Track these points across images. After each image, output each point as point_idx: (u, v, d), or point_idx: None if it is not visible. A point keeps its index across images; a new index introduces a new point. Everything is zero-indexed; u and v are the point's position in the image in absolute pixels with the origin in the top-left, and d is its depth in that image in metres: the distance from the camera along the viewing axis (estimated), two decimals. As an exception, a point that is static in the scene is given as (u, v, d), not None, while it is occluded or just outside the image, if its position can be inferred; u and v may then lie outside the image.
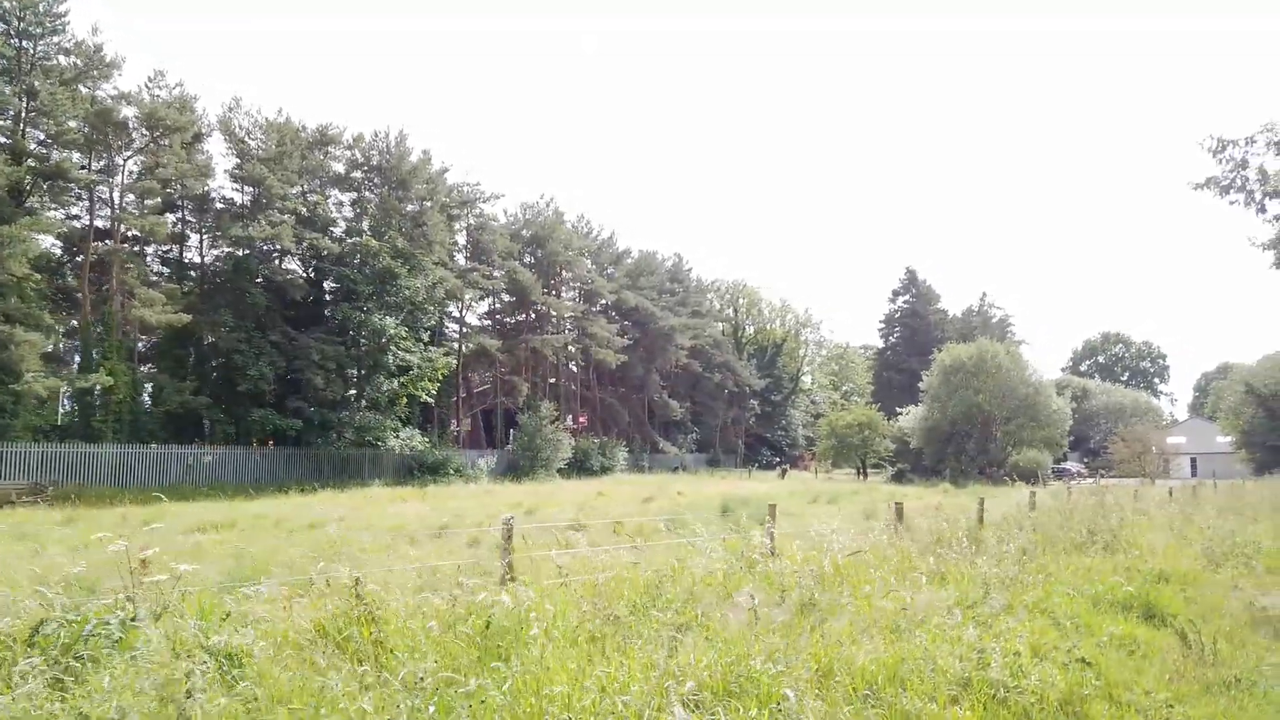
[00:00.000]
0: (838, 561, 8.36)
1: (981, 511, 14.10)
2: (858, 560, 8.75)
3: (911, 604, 6.46)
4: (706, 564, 7.62)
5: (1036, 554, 10.63)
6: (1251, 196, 14.51)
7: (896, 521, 11.54)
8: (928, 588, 7.41)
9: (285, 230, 38.31)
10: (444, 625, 5.01)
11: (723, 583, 7.04)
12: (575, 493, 34.77)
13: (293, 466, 39.31)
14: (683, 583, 6.92)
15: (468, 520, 22.07)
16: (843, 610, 6.20)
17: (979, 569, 8.38)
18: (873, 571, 7.80)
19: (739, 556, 8.37)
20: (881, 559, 8.81)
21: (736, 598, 6.52)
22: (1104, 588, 8.70)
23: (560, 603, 5.83)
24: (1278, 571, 11.87)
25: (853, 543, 10.08)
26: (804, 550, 9.28)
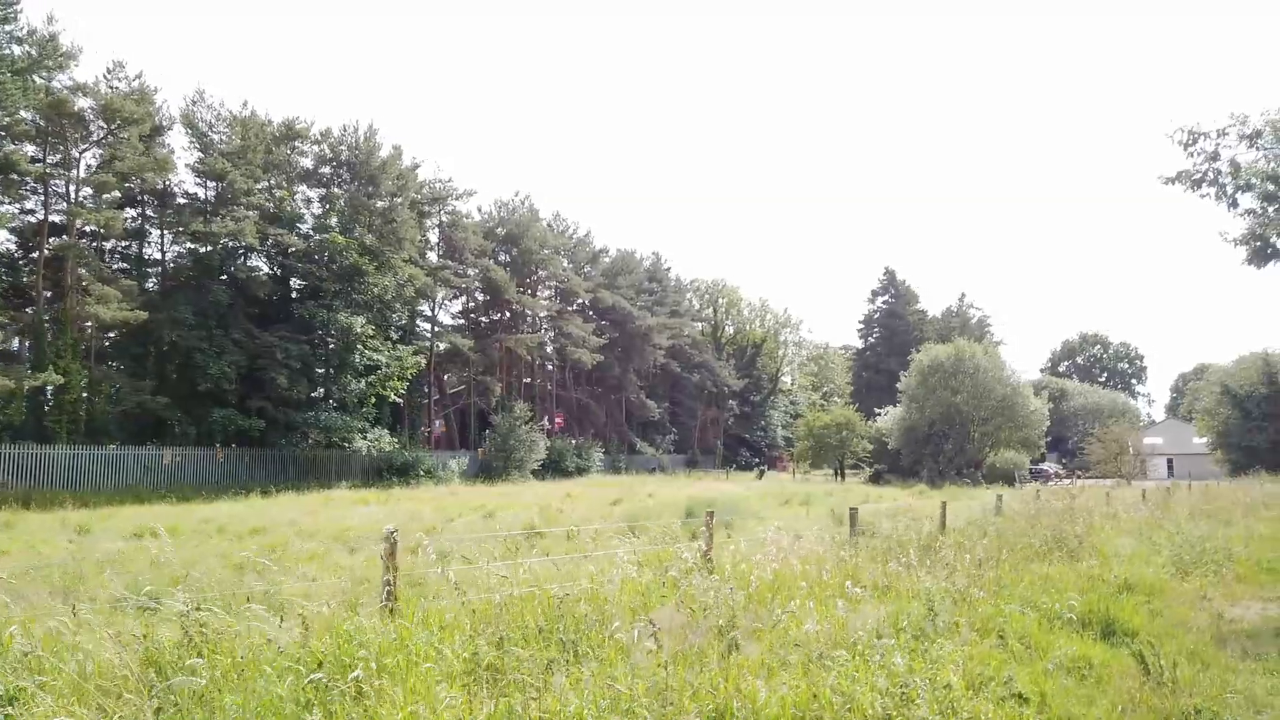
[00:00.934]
0: (776, 573, 7.75)
1: (943, 516, 13.53)
2: (802, 572, 8.13)
3: (843, 625, 5.85)
4: (639, 578, 6.96)
5: (994, 563, 10.06)
6: (1223, 191, 14.06)
7: (851, 528, 10.93)
8: (870, 604, 6.80)
9: (248, 226, 37.35)
10: (277, 666, 4.30)
11: (642, 601, 6.40)
12: (544, 494, 34.05)
13: (256, 468, 38.36)
14: (595, 602, 6.28)
15: (424, 524, 21.36)
16: (764, 634, 5.58)
17: (931, 581, 7.77)
18: (809, 586, 7.17)
19: (670, 569, 7.73)
20: (831, 569, 8.19)
21: (656, 618, 5.88)
22: (1062, 601, 8.12)
23: (443, 632, 5.17)
24: (1249, 579, 11.36)
25: (800, 551, 9.48)
26: (748, 559, 8.67)
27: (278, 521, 21.72)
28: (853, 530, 10.88)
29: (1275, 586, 11.14)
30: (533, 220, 58.66)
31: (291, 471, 39.39)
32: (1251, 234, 13.76)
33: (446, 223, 52.42)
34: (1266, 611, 9.52)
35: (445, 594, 6.42)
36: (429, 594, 7.11)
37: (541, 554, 13.62)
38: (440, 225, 52.68)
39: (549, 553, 13.67)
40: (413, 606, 5.77)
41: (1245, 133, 13.30)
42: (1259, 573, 11.84)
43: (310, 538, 17.57)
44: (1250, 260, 14.00)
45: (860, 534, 13.66)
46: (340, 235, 40.93)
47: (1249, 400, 56.95)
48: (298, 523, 21.24)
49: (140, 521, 21.46)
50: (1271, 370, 56.35)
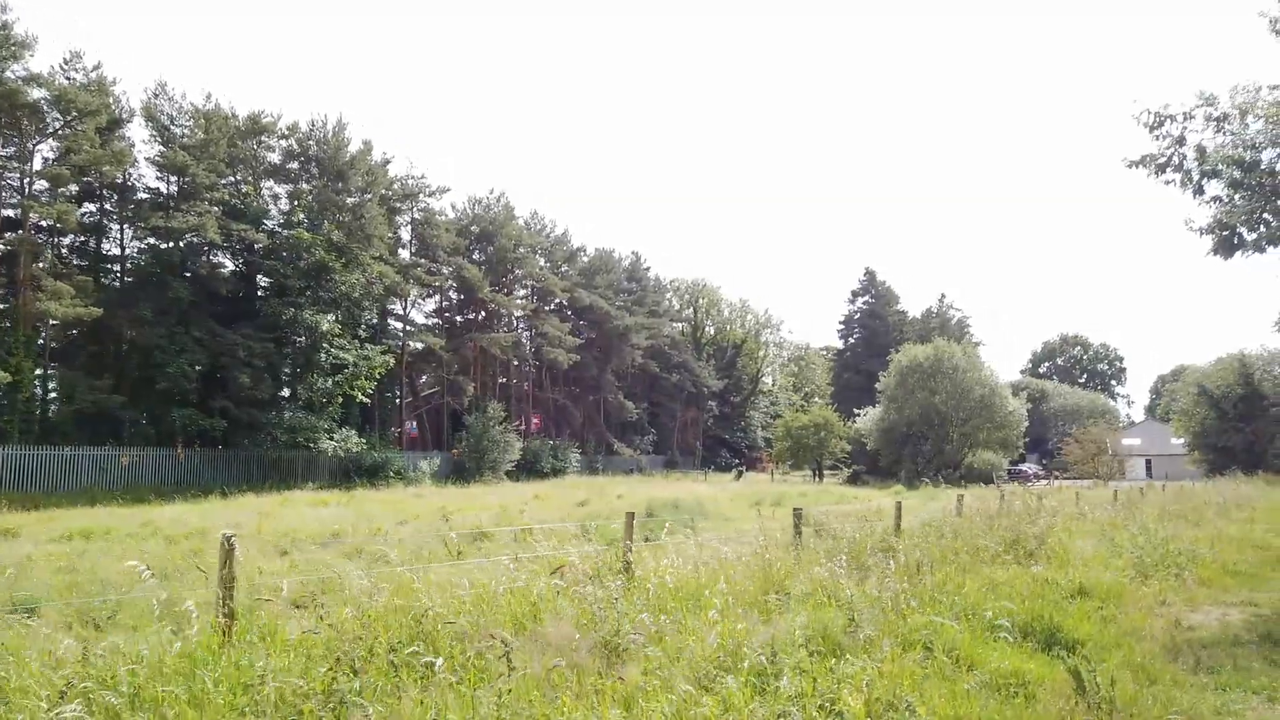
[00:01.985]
0: (698, 580, 7.12)
1: (898, 517, 12.95)
2: (727, 578, 7.50)
3: (747, 639, 5.23)
4: (529, 587, 6.31)
5: (942, 566, 9.48)
6: (1189, 177, 13.50)
7: (795, 531, 10.32)
8: (787, 614, 6.19)
9: (210, 221, 36.43)
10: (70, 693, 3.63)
11: (533, 612, 5.76)
12: (511, 496, 33.34)
13: (219, 469, 37.47)
14: (481, 613, 5.63)
15: (374, 526, 20.65)
16: (653, 651, 4.96)
17: (863, 587, 7.17)
18: (727, 594, 6.54)
19: (580, 574, 7.09)
20: (758, 576, 7.57)
21: (541, 632, 5.24)
22: (1005, 608, 7.54)
23: (280, 656, 4.51)
24: (1211, 583, 10.84)
25: (738, 554, 8.87)
26: (677, 564, 8.05)
27: (224, 524, 20.93)
28: (797, 533, 10.27)
29: (1239, 590, 10.63)
30: (508, 218, 57.89)
31: (256, 473, 38.54)
32: (1218, 223, 13.24)
33: (419, 220, 51.59)
34: (1227, 618, 8.99)
35: (331, 608, 5.73)
36: (305, 606, 6.42)
37: (484, 556, 13.07)
38: (412, 222, 51.86)
39: (490, 555, 13.12)
40: (250, 625, 5.09)
41: (1213, 115, 12.78)
42: (1223, 576, 11.33)
43: (249, 541, 16.81)
44: (1216, 250, 13.48)
45: (816, 534, 13.11)
46: (306, 232, 40.06)
47: (1225, 401, 56.95)
48: (244, 525, 20.45)
49: (79, 525, 20.68)
50: (1248, 371, 56.37)
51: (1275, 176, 12.38)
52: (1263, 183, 12.41)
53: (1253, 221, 12.63)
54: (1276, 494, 32.79)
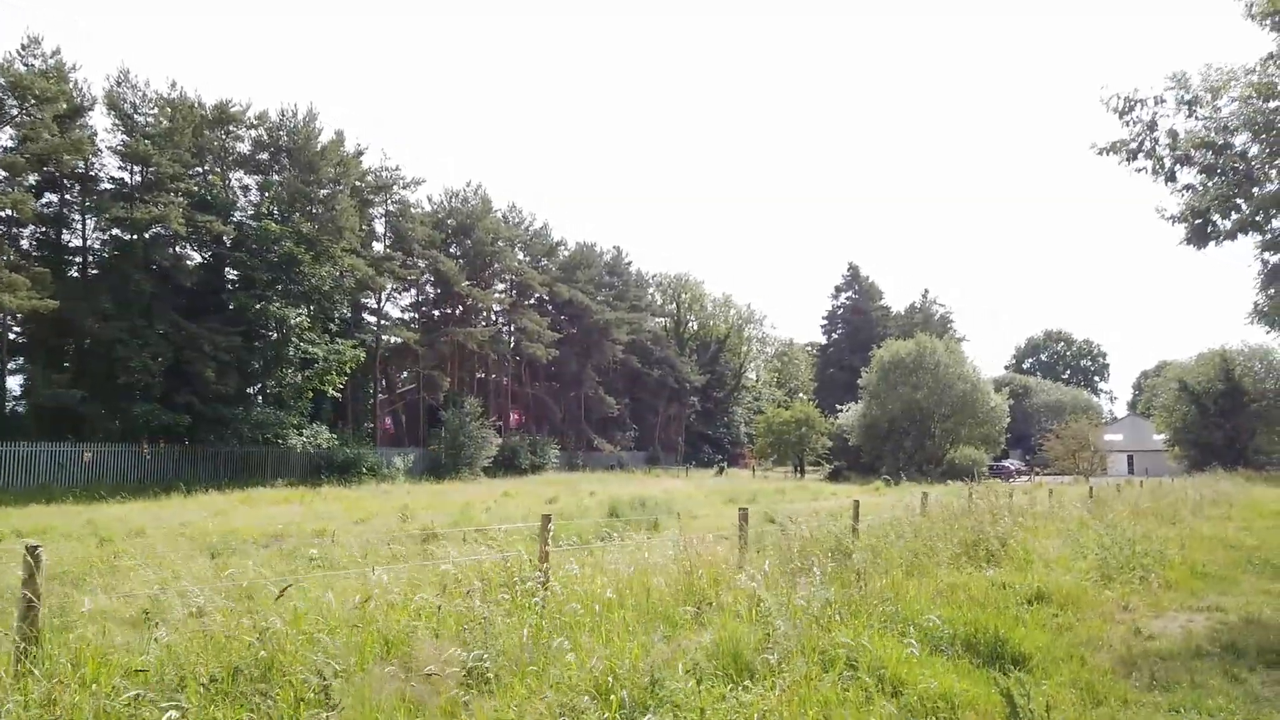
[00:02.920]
0: (595, 594, 6.50)
1: (855, 516, 12.37)
2: (648, 586, 6.89)
3: (640, 660, 4.63)
4: (405, 603, 5.68)
5: (892, 569, 8.91)
6: (1161, 164, 12.95)
7: (740, 533, 9.72)
8: (695, 629, 5.60)
9: (173, 212, 35.52)
10: None
11: (407, 629, 5.14)
12: (481, 493, 32.71)
13: (184, 466, 36.59)
14: (348, 631, 5.00)
15: (322, 526, 19.95)
16: (527, 675, 4.35)
17: (796, 596, 6.57)
18: (635, 606, 5.94)
19: (489, 583, 6.47)
20: (679, 584, 6.96)
21: (409, 656, 4.62)
22: (951, 617, 6.96)
23: (83, 689, 3.87)
24: (1179, 586, 10.32)
25: (667, 559, 8.27)
26: (598, 571, 7.43)
27: (172, 523, 20.21)
28: (742, 535, 9.66)
29: (1206, 594, 10.10)
30: (485, 211, 57.08)
31: (224, 470, 37.74)
32: (1190, 210, 12.73)
33: (393, 212, 50.76)
34: (1191, 625, 8.45)
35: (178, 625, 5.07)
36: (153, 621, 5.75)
37: (428, 559, 12.45)
38: (387, 215, 51.03)
39: (434, 558, 12.50)
40: (56, 649, 4.42)
41: (1185, 98, 12.24)
42: (1191, 578, 10.81)
43: (182, 541, 16.10)
44: (1189, 240, 12.99)
45: (779, 534, 12.52)
46: (275, 223, 39.21)
47: (1206, 397, 56.84)
48: (192, 525, 19.72)
49: (20, 524, 19.93)
50: (1229, 367, 56.26)
51: (1248, 160, 11.88)
52: (1235, 167, 11.90)
53: (1225, 208, 12.13)
54: (1255, 490, 32.54)
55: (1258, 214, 12.21)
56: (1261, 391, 55.60)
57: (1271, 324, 12.70)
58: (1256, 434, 55.40)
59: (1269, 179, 12.20)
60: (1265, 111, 11.75)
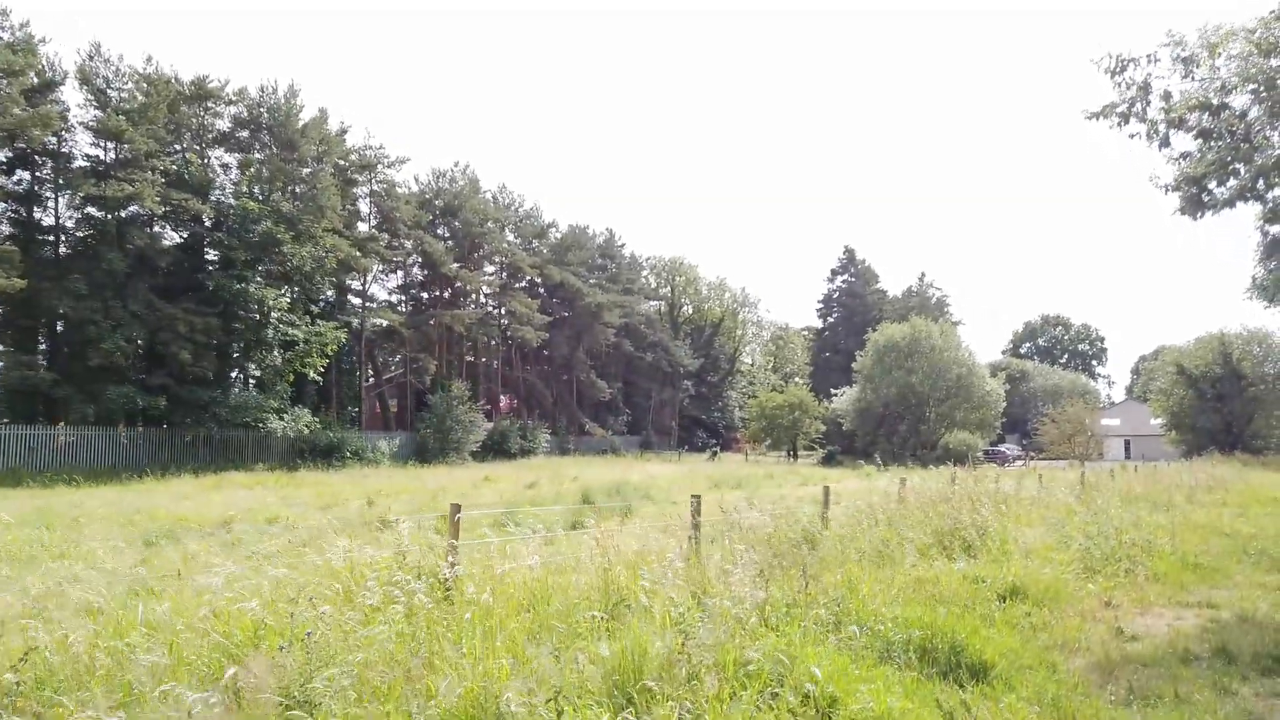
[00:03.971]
0: (528, 590, 5.76)
1: (826, 504, 11.64)
2: (570, 586, 6.14)
3: (510, 681, 3.88)
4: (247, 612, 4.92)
5: (852, 562, 8.17)
6: (1155, 128, 12.10)
7: (693, 525, 8.97)
8: (607, 636, 4.86)
9: (146, 190, 34.63)
10: None
11: (248, 641, 4.39)
12: (461, 478, 31.99)
13: (161, 450, 35.86)
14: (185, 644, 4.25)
15: (296, 510, 19.24)
16: (344, 706, 3.61)
17: (724, 596, 5.82)
18: (534, 613, 5.20)
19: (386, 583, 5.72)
20: (599, 583, 6.21)
21: (245, 675, 3.87)
22: (906, 618, 6.22)
23: None
24: (1167, 579, 9.59)
25: (617, 551, 7.51)
26: (516, 568, 6.68)
27: (130, 509, 19.49)
28: (695, 526, 8.92)
29: (1197, 588, 9.37)
30: (473, 192, 56.08)
31: (203, 454, 36.99)
32: (1185, 178, 11.92)
33: (378, 192, 49.79)
34: (1179, 623, 7.72)
35: None
36: None
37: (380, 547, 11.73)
38: (372, 195, 50.06)
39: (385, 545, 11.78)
40: None
41: (1181, 55, 11.39)
42: (1181, 570, 10.08)
43: (135, 528, 15.38)
44: (1184, 209, 12.19)
45: (729, 520, 11.84)
46: (251, 202, 38.31)
47: (1203, 381, 56.09)
48: (148, 511, 18.99)
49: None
50: (1227, 351, 55.45)
51: (1247, 123, 11.06)
52: (1233, 129, 11.07)
53: (1222, 174, 11.32)
54: (1252, 475, 31.84)
55: (1257, 181, 11.40)
56: (1260, 375, 54.81)
57: (1271, 298, 11.93)
58: (1254, 418, 54.65)
59: (1270, 144, 11.38)
60: (1267, 70, 10.91)
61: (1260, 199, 12.00)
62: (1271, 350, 54.87)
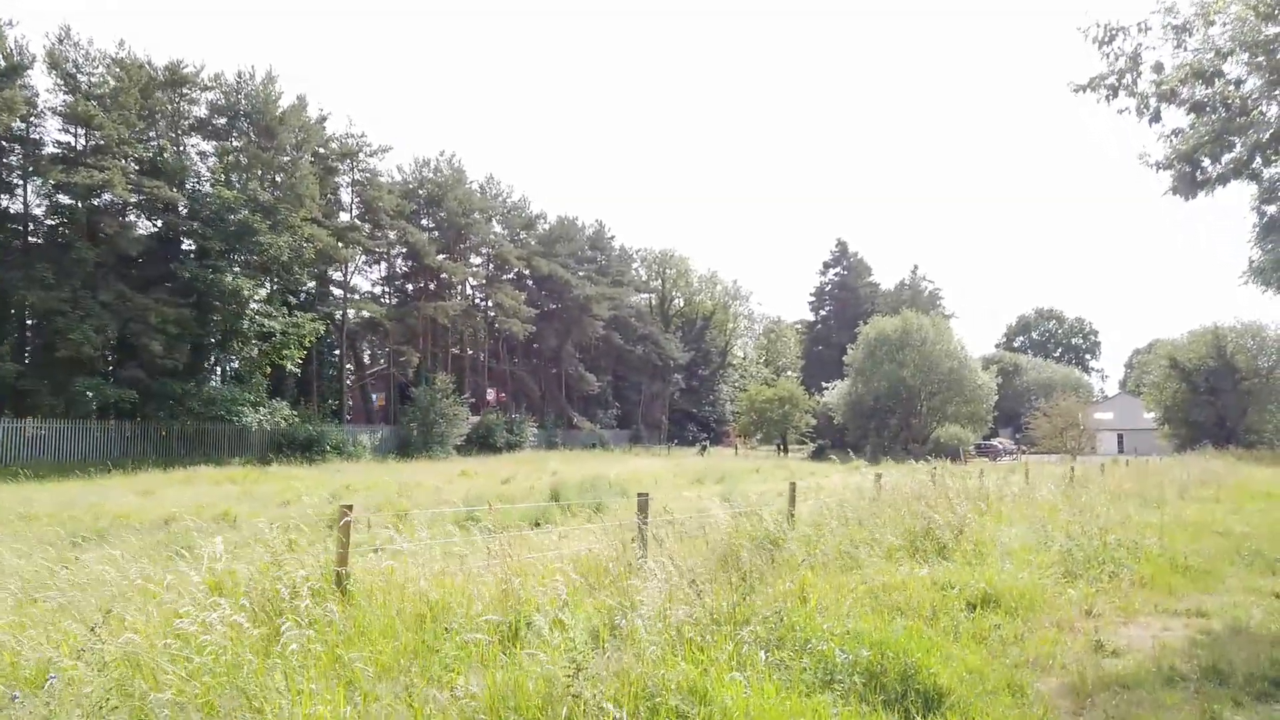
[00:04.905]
0: (433, 600, 5.02)
1: (792, 502, 10.92)
2: (476, 595, 5.40)
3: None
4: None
5: (808, 568, 7.46)
6: (1145, 102, 11.32)
7: (641, 526, 8.23)
8: (482, 667, 4.13)
9: (117, 177, 33.76)
10: None
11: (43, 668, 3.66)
12: (437, 473, 31.22)
13: (133, 444, 35.01)
14: None
15: (255, 506, 18.50)
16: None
17: (644, 607, 5.09)
18: (405, 632, 4.47)
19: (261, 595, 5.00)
20: (495, 593, 5.47)
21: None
22: (858, 633, 5.51)
23: None
24: (1155, 583, 8.88)
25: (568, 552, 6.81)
26: (418, 571, 5.95)
27: (80, 505, 18.72)
28: (642, 525, 8.17)
29: (1187, 594, 8.66)
30: (458, 181, 55.18)
31: (178, 447, 36.10)
32: (1178, 154, 11.17)
33: (360, 181, 48.91)
34: (1165, 635, 7.01)
35: None
36: None
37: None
38: (353, 184, 49.18)
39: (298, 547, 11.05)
40: None
41: (1172, 23, 10.64)
42: (1170, 573, 9.37)
43: (74, 524, 14.62)
44: (1176, 188, 11.44)
45: (700, 526, 11.15)
46: (226, 189, 37.46)
47: (1197, 374, 55.48)
48: (97, 506, 18.23)
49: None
50: (1221, 343, 54.83)
51: (1242, 94, 10.33)
52: (1228, 101, 10.34)
53: (1217, 149, 10.59)
54: (1245, 470, 31.20)
55: (1254, 158, 10.66)
56: (1254, 369, 54.23)
57: (1268, 281, 11.23)
58: (1248, 412, 54.05)
59: (1265, 119, 10.63)
60: (1265, 37, 10.17)
61: (1256, 178, 11.30)
62: (1266, 343, 54.28)
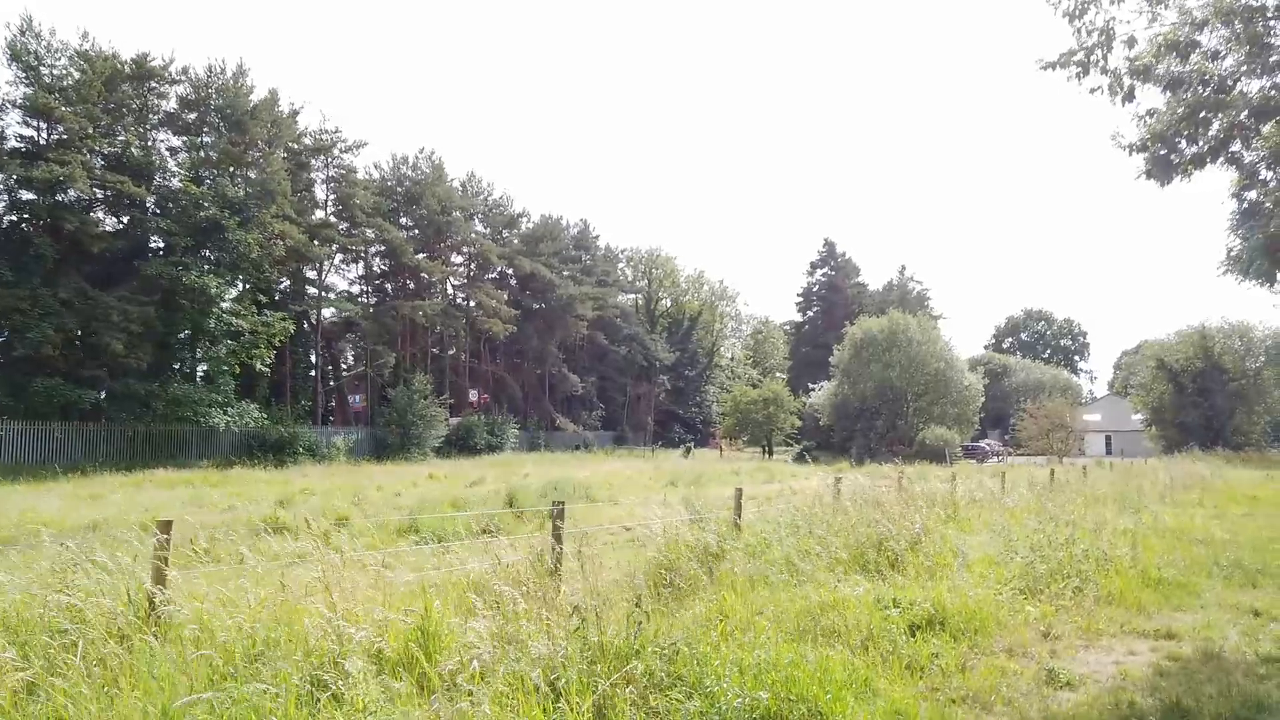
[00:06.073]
0: (258, 630, 4.22)
1: (738, 510, 10.14)
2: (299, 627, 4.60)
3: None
4: None
5: (732, 584, 6.69)
6: (1118, 80, 10.58)
7: (554, 535, 7.44)
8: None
9: (78, 172, 32.84)
10: None
11: None
12: (403, 476, 30.37)
13: (96, 446, 34.00)
14: None
15: (199, 511, 17.64)
16: None
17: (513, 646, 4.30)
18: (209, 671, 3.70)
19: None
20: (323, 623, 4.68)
21: None
22: (773, 666, 4.73)
23: None
24: (1122, 599, 8.13)
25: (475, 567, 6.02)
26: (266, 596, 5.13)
27: (11, 510, 17.82)
28: (556, 539, 7.37)
29: (1157, 611, 7.91)
30: (438, 179, 54.29)
31: (143, 450, 35.06)
32: (1153, 135, 10.45)
33: (335, 178, 48.01)
34: (1128, 662, 6.24)
35: None
36: None
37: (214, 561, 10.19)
38: (328, 180, 48.28)
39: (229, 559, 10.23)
40: None
41: (1147, -8, 9.90)
42: (1141, 587, 8.62)
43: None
44: (1150, 172, 10.73)
45: (634, 539, 10.51)
46: (194, 185, 36.56)
47: (1184, 375, 54.97)
48: (28, 512, 17.33)
49: None
50: (1208, 344, 54.34)
51: (1220, 72, 9.61)
52: (1205, 76, 9.62)
53: (1193, 127, 9.87)
54: (1231, 473, 30.57)
55: (1231, 139, 9.94)
56: (1241, 370, 53.77)
57: (1245, 271, 10.53)
58: (1235, 413, 53.57)
59: (1247, 99, 9.90)
60: (1243, 8, 9.43)
61: (1236, 162, 10.59)
62: (1253, 344, 53.82)
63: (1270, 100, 9.21)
